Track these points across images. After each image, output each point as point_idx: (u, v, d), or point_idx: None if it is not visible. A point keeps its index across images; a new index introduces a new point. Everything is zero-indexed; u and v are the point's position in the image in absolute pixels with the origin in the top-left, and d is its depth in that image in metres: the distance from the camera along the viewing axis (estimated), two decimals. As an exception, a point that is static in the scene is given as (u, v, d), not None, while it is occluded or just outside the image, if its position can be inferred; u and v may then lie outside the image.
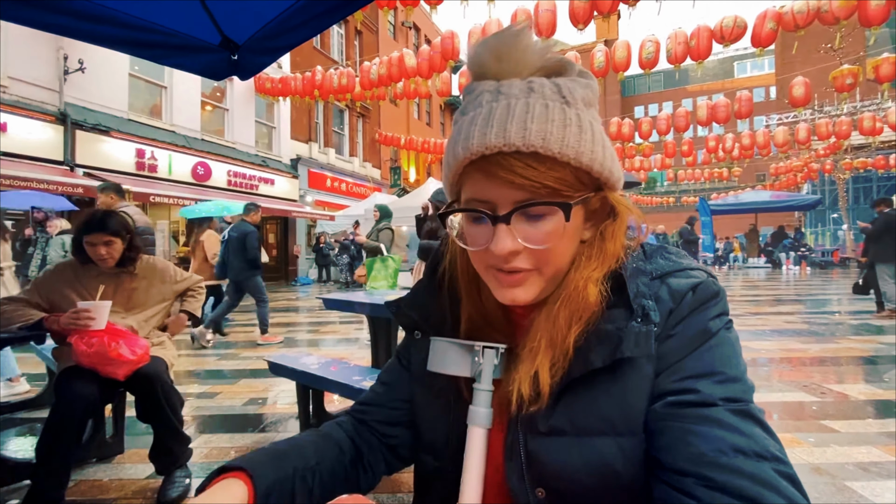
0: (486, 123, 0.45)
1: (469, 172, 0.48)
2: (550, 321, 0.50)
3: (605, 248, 0.52)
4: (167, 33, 1.79)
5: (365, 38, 18.30)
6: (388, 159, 20.26)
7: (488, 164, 0.46)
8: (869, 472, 2.20)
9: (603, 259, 0.51)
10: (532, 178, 0.45)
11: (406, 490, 0.51)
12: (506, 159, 0.45)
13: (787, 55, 22.68)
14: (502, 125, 0.45)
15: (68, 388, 1.81)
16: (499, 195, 0.47)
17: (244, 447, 2.60)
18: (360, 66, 8.62)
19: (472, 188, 0.49)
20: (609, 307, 0.50)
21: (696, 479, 0.41)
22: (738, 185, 24.67)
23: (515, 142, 0.44)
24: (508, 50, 0.48)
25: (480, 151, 0.45)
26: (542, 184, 0.45)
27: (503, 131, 0.44)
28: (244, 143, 12.98)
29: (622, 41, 7.04)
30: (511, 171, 0.45)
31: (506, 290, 0.50)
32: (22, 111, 7.89)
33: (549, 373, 0.49)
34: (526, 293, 0.50)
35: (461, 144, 0.47)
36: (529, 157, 0.45)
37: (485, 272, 0.52)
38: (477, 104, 0.48)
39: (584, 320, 0.49)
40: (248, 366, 4.44)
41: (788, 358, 4.40)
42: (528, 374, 0.49)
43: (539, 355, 0.49)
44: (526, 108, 0.45)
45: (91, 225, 2.03)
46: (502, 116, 0.45)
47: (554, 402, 0.49)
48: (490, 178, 0.46)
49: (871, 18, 5.42)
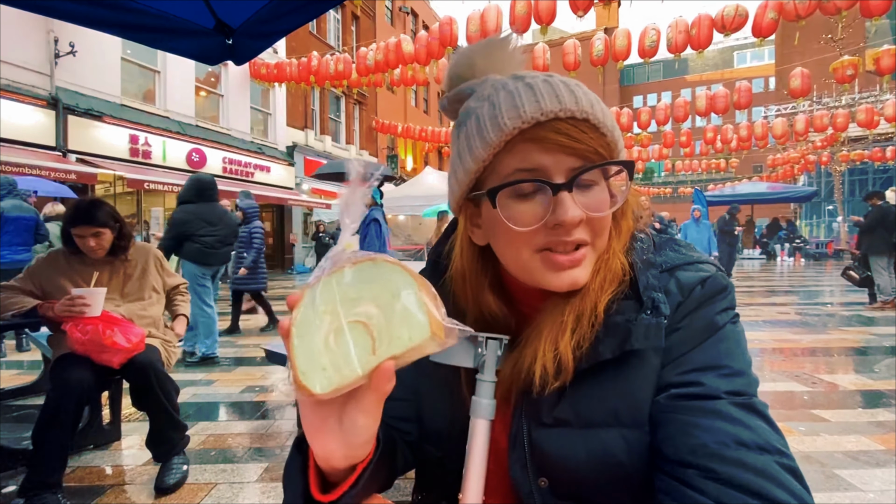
0: (533, 94, 0.45)
1: (515, 145, 0.46)
2: (579, 295, 0.49)
3: (620, 225, 0.53)
4: (160, 16, 1.74)
5: (362, 24, 18.02)
6: (384, 147, 20.10)
7: (543, 130, 0.45)
8: (858, 460, 2.24)
9: (620, 234, 0.53)
10: (588, 143, 0.45)
11: (407, 478, 0.50)
12: (561, 124, 0.45)
13: (786, 45, 22.55)
14: (552, 93, 0.45)
15: (64, 376, 1.81)
16: (553, 162, 0.45)
17: (241, 435, 2.62)
18: (357, 53, 8.48)
19: (519, 159, 0.46)
20: (619, 299, 0.50)
21: (698, 470, 0.41)
22: (735, 177, 24.70)
23: (571, 107, 0.44)
24: (497, 50, 0.50)
25: (535, 118, 0.44)
26: (595, 149, 0.46)
27: (556, 98, 0.44)
28: (239, 130, 12.83)
29: (622, 29, 6.96)
30: (568, 135, 0.45)
31: (565, 272, 0.47)
32: (12, 95, 7.74)
33: (573, 348, 0.48)
34: (583, 273, 0.48)
35: (506, 115, 0.45)
36: (582, 122, 0.45)
37: (531, 258, 0.48)
38: (496, 89, 0.48)
39: (614, 285, 0.50)
40: (245, 354, 4.44)
41: (781, 348, 4.45)
42: (551, 350, 0.48)
43: (567, 329, 0.48)
44: (563, 82, 0.46)
45: (78, 217, 1.99)
46: (546, 88, 0.45)
47: (559, 393, 0.49)
48: (541, 146, 0.45)
49: (873, 9, 5.37)
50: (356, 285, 0.36)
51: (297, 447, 0.47)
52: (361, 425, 0.38)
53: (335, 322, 0.35)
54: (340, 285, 0.36)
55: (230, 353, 4.46)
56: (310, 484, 0.43)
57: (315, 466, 0.44)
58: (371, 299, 0.36)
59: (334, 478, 0.43)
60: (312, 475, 0.44)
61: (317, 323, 0.35)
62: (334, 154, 16.52)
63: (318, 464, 0.42)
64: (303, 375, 0.34)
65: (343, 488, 0.42)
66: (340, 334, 0.35)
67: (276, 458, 2.31)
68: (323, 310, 0.35)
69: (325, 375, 0.34)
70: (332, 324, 0.35)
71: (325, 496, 0.43)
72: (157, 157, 10.19)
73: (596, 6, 5.69)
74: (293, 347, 0.35)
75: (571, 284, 0.48)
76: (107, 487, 2.04)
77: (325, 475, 0.43)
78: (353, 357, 0.35)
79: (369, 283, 0.36)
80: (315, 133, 15.89)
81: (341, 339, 0.35)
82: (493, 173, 0.48)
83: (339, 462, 0.40)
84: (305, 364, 0.34)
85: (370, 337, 0.35)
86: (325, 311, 0.35)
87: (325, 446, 0.39)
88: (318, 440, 0.39)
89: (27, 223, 4.46)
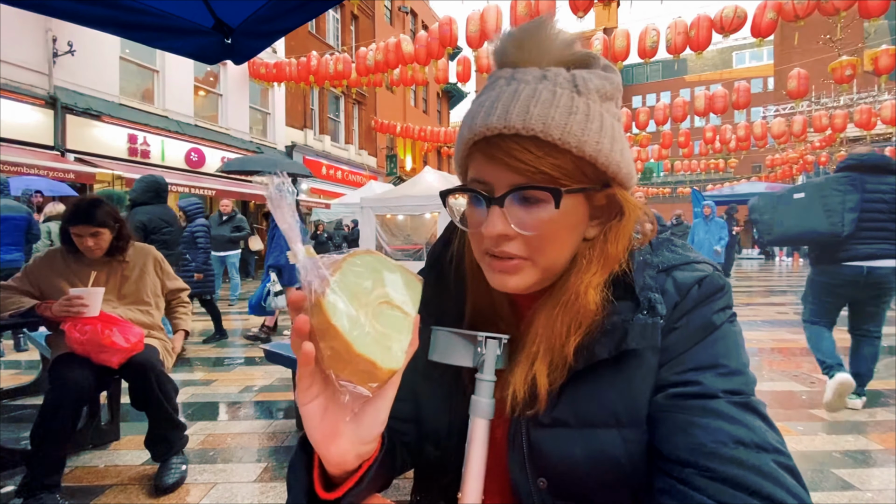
0: (492, 106, 0.46)
1: (473, 154, 0.49)
2: (549, 327, 0.49)
3: (606, 250, 0.50)
4: (159, 15, 1.74)
5: (361, 24, 18.01)
6: (384, 147, 20.09)
7: (489, 146, 0.46)
8: (856, 460, 2.24)
9: (604, 262, 0.50)
10: (528, 161, 0.44)
11: (406, 478, 0.50)
12: (505, 142, 0.45)
13: (785, 46, 22.57)
14: (505, 108, 0.45)
15: (62, 375, 1.80)
16: (497, 178, 0.47)
17: (240, 434, 2.61)
18: (357, 52, 8.46)
19: (474, 169, 0.50)
20: (615, 299, 0.49)
21: (696, 469, 0.41)
22: (733, 177, 24.73)
23: (515, 124, 0.44)
24: (529, 38, 0.48)
25: (483, 133, 0.46)
26: (537, 169, 0.45)
27: (505, 114, 0.44)
28: (238, 130, 12.81)
29: (621, 30, 6.97)
30: (508, 153, 0.45)
31: (496, 275, 0.50)
32: (10, 94, 7.72)
33: (548, 378, 0.49)
34: (518, 282, 0.49)
35: (467, 125, 0.48)
36: (528, 141, 0.44)
37: (480, 257, 0.51)
38: (491, 88, 0.49)
39: (583, 328, 0.48)
40: (244, 354, 4.44)
41: (779, 348, 4.46)
42: (523, 379, 0.49)
43: (537, 361, 0.49)
44: (533, 93, 0.45)
45: (77, 216, 1.98)
46: (508, 100, 0.45)
47: (557, 393, 0.49)
48: (489, 161, 0.47)
49: (871, 10, 5.38)
50: (354, 282, 0.40)
51: (301, 445, 0.47)
52: (382, 418, 0.42)
53: (369, 310, 0.40)
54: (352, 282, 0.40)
55: (230, 353, 4.46)
56: (314, 482, 0.43)
57: (319, 465, 0.44)
58: (373, 285, 0.41)
59: (338, 477, 0.43)
60: (316, 473, 0.44)
61: (359, 319, 0.38)
62: (333, 154, 16.51)
63: (328, 468, 0.42)
64: (384, 362, 0.38)
65: (347, 486, 0.43)
66: (379, 316, 0.40)
67: (275, 458, 2.31)
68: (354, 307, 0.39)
69: (394, 352, 0.39)
70: (368, 313, 0.39)
71: (328, 494, 0.43)
72: (155, 156, 10.16)
73: (596, 6, 5.69)
74: (360, 346, 0.37)
75: (502, 287, 0.50)
76: (105, 487, 2.04)
77: (330, 474, 0.44)
78: (399, 326, 0.41)
79: (369, 272, 0.41)
80: (314, 133, 15.87)
81: (383, 319, 0.40)
82: (468, 171, 0.51)
83: (351, 463, 0.41)
84: (380, 353, 0.38)
85: (397, 308, 0.42)
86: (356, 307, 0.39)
87: (340, 448, 0.40)
88: (332, 445, 0.40)
89: (17, 223, 4.41)
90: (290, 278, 4.52)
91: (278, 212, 0.38)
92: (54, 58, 8.37)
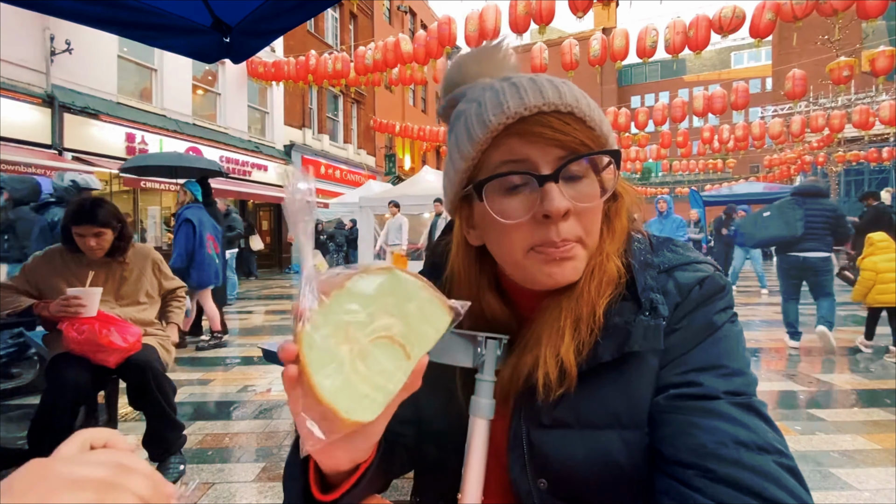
0: (517, 91, 0.46)
1: (501, 141, 0.47)
2: (574, 298, 0.49)
3: (613, 225, 0.52)
4: (157, 13, 1.73)
5: (360, 23, 17.98)
6: (382, 146, 20.07)
7: (527, 124, 0.45)
8: (853, 459, 2.25)
9: (614, 235, 0.52)
10: (573, 134, 0.45)
11: (406, 479, 0.50)
12: (545, 118, 0.45)
13: (784, 46, 22.61)
14: (536, 89, 0.45)
15: (59, 375, 1.79)
16: (539, 154, 0.46)
17: (239, 434, 2.61)
18: (355, 52, 8.44)
19: (506, 153, 0.47)
20: (617, 300, 0.49)
21: (697, 470, 0.41)
22: (732, 177, 24.77)
23: (554, 100, 0.45)
24: (489, 56, 0.51)
25: (519, 113, 0.45)
26: (581, 141, 0.46)
27: (539, 94, 0.45)
28: (236, 129, 12.78)
29: (620, 30, 6.96)
30: (552, 127, 0.45)
31: (556, 266, 0.47)
32: (7, 93, 7.69)
33: (574, 353, 0.47)
34: (575, 267, 0.48)
35: (491, 112, 0.46)
36: (567, 115, 0.45)
37: (524, 256, 0.48)
38: (483, 90, 0.48)
39: (609, 291, 0.49)
40: (242, 353, 4.43)
41: (777, 348, 4.46)
42: (553, 357, 0.47)
43: (566, 334, 0.48)
44: (549, 80, 0.46)
45: (80, 215, 1.96)
46: (530, 85, 0.46)
47: (559, 394, 0.49)
48: (529, 140, 0.46)
49: (869, 11, 5.39)
50: (360, 304, 0.35)
51: (297, 446, 0.47)
52: (378, 430, 0.40)
53: (356, 347, 0.34)
54: (343, 312, 0.34)
55: (229, 353, 4.45)
56: (310, 483, 0.43)
57: (315, 466, 0.44)
58: (383, 312, 0.36)
59: (335, 478, 0.43)
60: (313, 475, 0.44)
61: (336, 358, 0.33)
62: (332, 153, 16.48)
63: (323, 469, 0.42)
64: (348, 412, 0.33)
65: (344, 488, 0.42)
66: (367, 356, 0.34)
67: (274, 458, 2.31)
68: (335, 342, 0.34)
69: (370, 400, 0.34)
70: (353, 351, 0.34)
71: (325, 496, 0.43)
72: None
73: (595, 6, 5.68)
74: (324, 391, 0.32)
75: (563, 279, 0.48)
76: (103, 487, 2.03)
77: (326, 475, 0.43)
78: (390, 370, 0.35)
79: (373, 298, 0.36)
80: (313, 132, 15.85)
81: (370, 360, 0.35)
82: (482, 170, 0.49)
83: (345, 466, 0.41)
84: (347, 401, 0.33)
85: (398, 345, 0.36)
86: (338, 343, 0.34)
87: (333, 456, 0.40)
88: (325, 454, 0.40)
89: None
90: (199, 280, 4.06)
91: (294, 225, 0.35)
92: (52, 56, 8.33)
